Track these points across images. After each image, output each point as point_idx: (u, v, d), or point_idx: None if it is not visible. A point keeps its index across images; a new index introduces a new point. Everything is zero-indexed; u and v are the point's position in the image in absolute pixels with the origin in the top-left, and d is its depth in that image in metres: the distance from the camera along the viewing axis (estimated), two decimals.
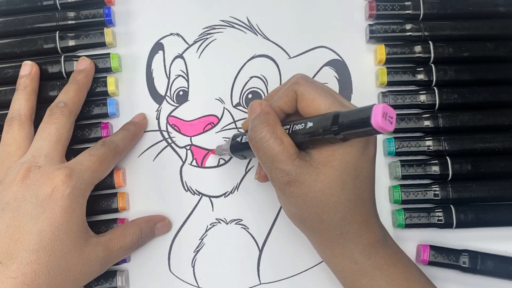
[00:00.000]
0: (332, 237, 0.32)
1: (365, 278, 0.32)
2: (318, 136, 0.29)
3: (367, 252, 0.32)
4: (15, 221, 0.32)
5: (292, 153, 0.30)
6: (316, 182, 0.30)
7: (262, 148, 0.31)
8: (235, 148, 0.37)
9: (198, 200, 0.42)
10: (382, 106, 0.25)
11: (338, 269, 0.34)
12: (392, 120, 0.25)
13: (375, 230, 0.33)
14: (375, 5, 0.42)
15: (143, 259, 0.41)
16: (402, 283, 0.32)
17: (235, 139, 0.37)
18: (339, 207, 0.31)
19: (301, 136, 0.30)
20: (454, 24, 0.42)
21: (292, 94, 0.32)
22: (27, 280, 0.31)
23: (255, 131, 0.31)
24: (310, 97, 0.31)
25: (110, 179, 0.40)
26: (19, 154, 0.36)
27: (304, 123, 0.30)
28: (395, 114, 0.25)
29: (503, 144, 0.41)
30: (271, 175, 0.32)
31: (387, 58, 0.42)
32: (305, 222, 0.33)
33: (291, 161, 0.30)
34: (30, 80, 0.39)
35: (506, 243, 0.41)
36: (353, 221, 0.32)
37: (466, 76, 0.41)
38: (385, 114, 0.25)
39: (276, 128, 0.31)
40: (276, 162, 0.31)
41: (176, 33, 0.43)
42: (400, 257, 0.34)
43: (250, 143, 0.32)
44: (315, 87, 0.32)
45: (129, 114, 0.42)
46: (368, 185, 0.32)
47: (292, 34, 0.43)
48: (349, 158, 0.30)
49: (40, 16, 0.42)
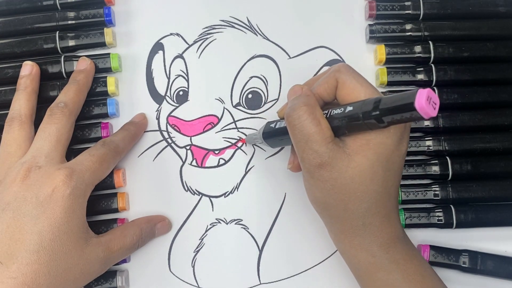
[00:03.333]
0: (353, 227, 0.32)
1: (381, 271, 0.32)
2: (358, 121, 0.29)
3: (385, 246, 0.32)
4: (16, 221, 0.32)
5: (327, 136, 0.30)
6: (347, 169, 0.30)
7: (299, 126, 0.31)
8: (268, 134, 0.37)
9: (198, 200, 0.42)
10: (427, 91, 0.24)
11: (354, 261, 0.34)
12: (436, 106, 0.25)
13: (395, 225, 0.33)
14: (375, 5, 0.42)
15: (143, 259, 0.41)
16: (417, 279, 0.32)
17: (269, 125, 0.37)
18: (366, 197, 0.31)
19: (339, 120, 0.30)
20: (454, 24, 0.42)
21: (333, 82, 0.32)
22: (27, 280, 0.31)
23: (294, 109, 0.31)
24: (351, 85, 0.31)
25: (110, 179, 0.40)
26: (19, 154, 0.36)
27: (344, 108, 0.30)
28: (438, 100, 0.25)
29: (503, 144, 0.41)
30: (303, 155, 0.31)
31: (387, 58, 0.42)
32: (329, 208, 0.33)
33: (325, 144, 0.30)
34: (30, 81, 0.39)
35: (506, 243, 0.41)
36: (376, 213, 0.32)
37: (466, 76, 0.41)
38: (430, 99, 0.25)
39: (316, 109, 0.31)
40: (311, 143, 0.30)
41: (176, 33, 0.44)
42: (415, 254, 0.34)
43: (287, 121, 0.32)
44: (357, 76, 0.32)
45: (129, 114, 0.42)
46: (396, 180, 0.32)
47: (292, 34, 0.43)
48: (383, 149, 0.30)
49: (40, 16, 0.42)
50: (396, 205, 0.33)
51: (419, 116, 0.25)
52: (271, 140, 0.37)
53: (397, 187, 0.33)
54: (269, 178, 0.42)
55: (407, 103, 0.25)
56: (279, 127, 0.35)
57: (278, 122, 0.36)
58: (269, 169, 0.42)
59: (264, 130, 0.37)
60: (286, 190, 0.42)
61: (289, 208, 0.41)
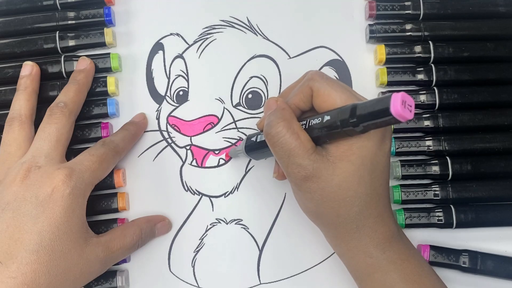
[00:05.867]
0: (348, 231, 0.32)
1: (378, 272, 0.32)
2: (336, 130, 0.29)
3: (381, 246, 0.32)
4: (15, 221, 0.32)
5: (308, 148, 0.30)
6: (333, 177, 0.30)
7: (279, 143, 0.31)
8: (250, 148, 0.37)
9: (198, 200, 0.42)
10: (400, 95, 0.25)
11: (352, 263, 0.34)
12: (411, 108, 0.25)
13: (389, 224, 0.33)
14: (375, 5, 0.42)
15: (143, 259, 0.41)
16: (414, 278, 0.32)
17: (250, 139, 0.37)
18: (356, 201, 0.31)
19: (318, 130, 0.30)
20: (454, 24, 0.42)
21: (307, 91, 0.32)
22: (27, 280, 0.31)
23: (271, 126, 0.31)
24: (326, 92, 0.31)
25: (110, 179, 0.40)
26: (19, 154, 0.36)
27: (321, 117, 0.30)
28: (413, 102, 0.25)
29: (503, 144, 0.41)
30: (288, 170, 0.31)
31: (387, 58, 0.42)
32: (321, 217, 0.33)
33: (307, 156, 0.30)
34: (30, 81, 0.39)
35: (506, 243, 0.41)
36: (369, 215, 0.32)
37: (466, 76, 0.41)
38: (404, 102, 0.25)
39: (293, 123, 0.31)
40: (293, 157, 0.30)
41: (176, 33, 0.44)
42: (413, 252, 0.34)
43: (266, 139, 0.32)
44: (331, 82, 0.32)
45: (129, 114, 0.42)
46: (383, 179, 0.32)
47: (292, 34, 0.43)
48: (366, 152, 0.30)
49: (40, 16, 0.42)
50: (388, 204, 0.33)
51: (396, 120, 0.25)
52: (254, 153, 0.37)
53: (386, 186, 0.33)
54: (269, 178, 0.42)
55: (383, 109, 0.25)
56: (260, 140, 0.35)
57: (259, 135, 0.36)
58: (269, 169, 0.42)
59: (246, 144, 0.37)
60: (286, 190, 0.41)
61: (289, 208, 0.41)
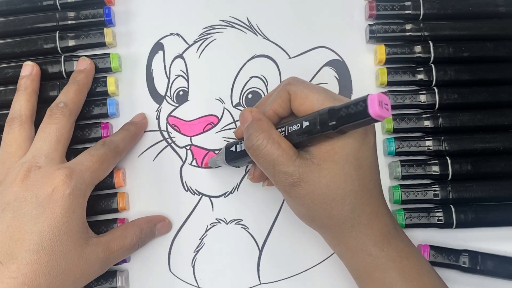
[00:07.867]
0: (344, 231, 0.32)
1: (378, 270, 0.32)
2: (316, 134, 0.29)
3: (380, 244, 0.32)
4: (16, 221, 0.32)
5: (291, 155, 0.31)
6: (320, 179, 0.30)
7: (262, 155, 0.31)
8: (231, 158, 0.37)
9: (198, 200, 0.42)
10: (376, 95, 0.25)
11: (352, 263, 0.34)
12: (388, 107, 0.26)
13: (385, 221, 0.33)
14: (375, 5, 0.42)
15: (143, 259, 0.41)
16: (414, 276, 0.32)
17: (229, 149, 0.37)
18: (346, 199, 0.31)
19: (298, 136, 0.30)
20: (454, 24, 0.42)
21: (285, 95, 0.33)
22: (27, 280, 0.31)
23: (251, 140, 0.31)
24: (302, 95, 0.31)
25: (110, 179, 0.40)
26: (19, 155, 0.36)
27: (300, 123, 0.30)
28: (389, 101, 0.26)
29: (503, 144, 0.41)
30: (275, 179, 0.32)
31: (387, 58, 0.42)
32: (316, 220, 0.33)
33: (292, 162, 0.30)
34: (31, 81, 0.39)
35: (506, 243, 0.41)
36: (362, 212, 0.32)
37: (466, 76, 0.41)
38: (381, 102, 0.25)
39: (272, 133, 0.31)
40: (278, 166, 0.31)
41: (176, 33, 0.44)
42: (412, 250, 0.34)
43: (249, 152, 0.32)
44: (307, 85, 0.32)
45: (129, 114, 0.42)
46: (372, 174, 0.32)
47: (292, 34, 0.43)
48: (349, 149, 0.30)
49: (40, 16, 0.42)
50: (382, 200, 0.33)
51: (375, 120, 0.26)
52: (235, 162, 0.37)
53: (376, 181, 0.32)
54: None
55: (360, 111, 0.26)
56: (240, 150, 0.35)
57: (238, 144, 0.36)
58: None
59: (226, 155, 0.37)
60: None
61: (289, 209, 0.41)
